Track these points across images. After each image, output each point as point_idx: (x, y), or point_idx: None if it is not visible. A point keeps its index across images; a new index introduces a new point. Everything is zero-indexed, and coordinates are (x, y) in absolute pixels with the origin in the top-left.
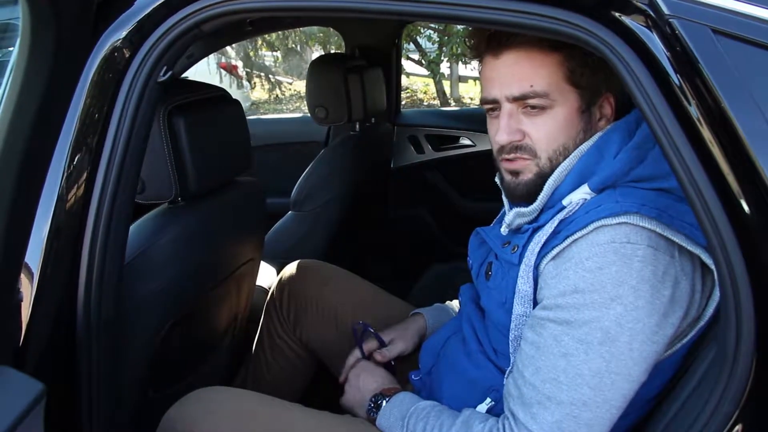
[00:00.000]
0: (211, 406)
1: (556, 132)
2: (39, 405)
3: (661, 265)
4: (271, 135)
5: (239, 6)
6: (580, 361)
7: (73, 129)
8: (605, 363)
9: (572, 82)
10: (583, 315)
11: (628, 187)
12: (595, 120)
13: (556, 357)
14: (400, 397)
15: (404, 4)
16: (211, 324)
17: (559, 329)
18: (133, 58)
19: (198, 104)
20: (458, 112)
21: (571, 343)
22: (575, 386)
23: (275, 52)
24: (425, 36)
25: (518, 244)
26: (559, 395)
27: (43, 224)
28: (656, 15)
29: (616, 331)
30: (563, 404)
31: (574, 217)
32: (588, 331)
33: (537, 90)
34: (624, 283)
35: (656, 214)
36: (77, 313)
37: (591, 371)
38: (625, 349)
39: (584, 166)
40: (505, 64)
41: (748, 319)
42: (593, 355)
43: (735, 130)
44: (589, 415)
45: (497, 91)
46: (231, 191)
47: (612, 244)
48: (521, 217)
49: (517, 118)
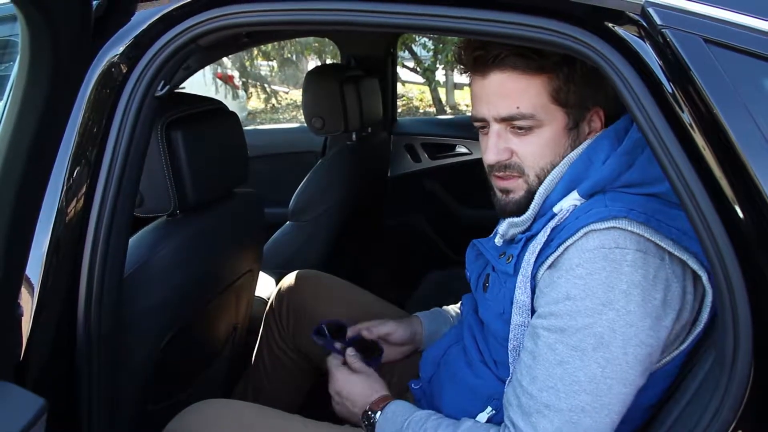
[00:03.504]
0: (211, 418)
1: (544, 150)
2: (41, 420)
3: (652, 269)
4: (268, 145)
5: (236, 20)
6: (575, 368)
7: (72, 143)
8: (601, 369)
9: (558, 102)
10: (576, 322)
11: (617, 192)
12: (583, 134)
13: (552, 365)
14: (391, 409)
15: (399, 18)
16: (210, 335)
17: (554, 337)
18: (130, 73)
19: (195, 117)
20: (454, 120)
21: (565, 350)
22: (572, 393)
23: (271, 62)
24: (420, 44)
25: (513, 254)
26: (557, 403)
27: (43, 238)
28: (649, 25)
29: (610, 336)
30: (562, 412)
31: (564, 223)
32: (582, 337)
33: (523, 112)
34: (614, 288)
35: (644, 218)
36: (77, 326)
37: (587, 377)
38: (619, 354)
39: (574, 174)
40: (491, 85)
41: (745, 326)
42: (588, 361)
43: (727, 135)
44: (589, 421)
45: (485, 111)
46: (229, 203)
47: (601, 250)
48: (514, 227)
49: (505, 137)
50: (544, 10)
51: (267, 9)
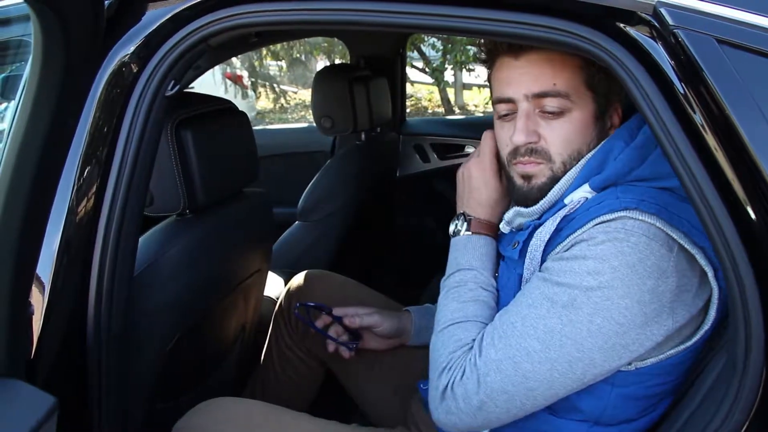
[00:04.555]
0: (220, 417)
1: (573, 136)
2: (52, 419)
3: (653, 256)
4: (278, 145)
5: (246, 20)
6: (539, 316)
7: (83, 142)
8: (561, 325)
9: (591, 87)
10: (560, 278)
11: (629, 185)
12: (606, 130)
13: (523, 306)
14: (482, 242)
15: (409, 18)
16: (219, 335)
17: (536, 283)
18: (141, 72)
19: (205, 117)
20: (463, 120)
21: (539, 298)
22: (525, 335)
23: (280, 62)
24: (429, 44)
25: (519, 240)
26: (509, 339)
27: (53, 237)
28: (661, 26)
29: (583, 300)
30: (510, 348)
31: (575, 214)
32: (558, 291)
33: (559, 89)
34: (605, 262)
35: (656, 209)
36: (87, 325)
37: (545, 327)
38: (584, 319)
39: (589, 172)
40: (526, 63)
41: (757, 326)
42: (553, 314)
43: (740, 136)
44: (529, 367)
45: (514, 90)
46: (238, 203)
47: (607, 229)
48: (521, 216)
49: (534, 120)
50: (555, 11)
51: (277, 9)
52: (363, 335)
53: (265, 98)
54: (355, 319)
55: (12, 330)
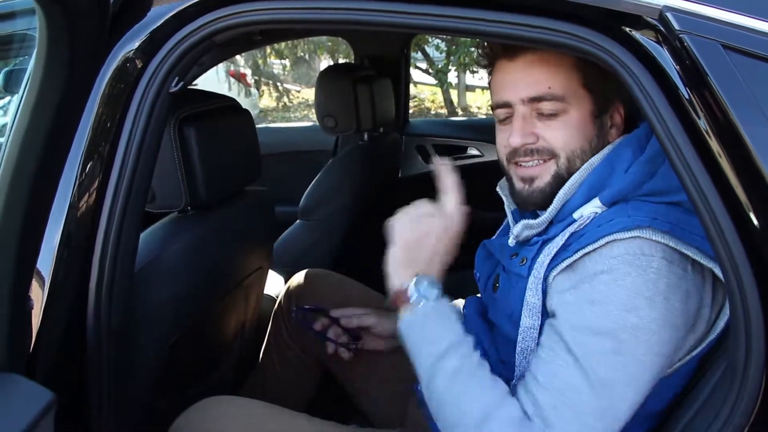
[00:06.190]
0: (218, 415)
1: (573, 133)
2: (49, 414)
3: (675, 277)
4: (280, 144)
5: (251, 18)
6: (592, 371)
7: (85, 138)
8: (617, 373)
9: (587, 86)
10: (599, 326)
11: (639, 201)
12: (606, 128)
13: (569, 365)
14: (447, 312)
15: (414, 18)
16: (219, 332)
17: (573, 337)
18: (145, 68)
19: (208, 114)
20: (466, 122)
21: (584, 353)
22: (588, 395)
23: (284, 61)
24: (433, 45)
25: (527, 257)
26: (573, 404)
27: (54, 231)
28: (666, 30)
29: (630, 342)
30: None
31: (585, 230)
32: (602, 341)
33: (554, 92)
34: (639, 295)
35: (669, 227)
36: (87, 320)
37: (601, 382)
38: (636, 361)
39: (595, 180)
40: (521, 66)
41: (758, 334)
42: (606, 365)
43: (744, 142)
44: (600, 426)
45: (511, 94)
46: (240, 201)
47: (626, 257)
48: (529, 229)
49: (531, 122)
50: (561, 13)
51: (282, 7)
52: (362, 336)
53: (268, 96)
54: (352, 319)
55: (11, 324)
